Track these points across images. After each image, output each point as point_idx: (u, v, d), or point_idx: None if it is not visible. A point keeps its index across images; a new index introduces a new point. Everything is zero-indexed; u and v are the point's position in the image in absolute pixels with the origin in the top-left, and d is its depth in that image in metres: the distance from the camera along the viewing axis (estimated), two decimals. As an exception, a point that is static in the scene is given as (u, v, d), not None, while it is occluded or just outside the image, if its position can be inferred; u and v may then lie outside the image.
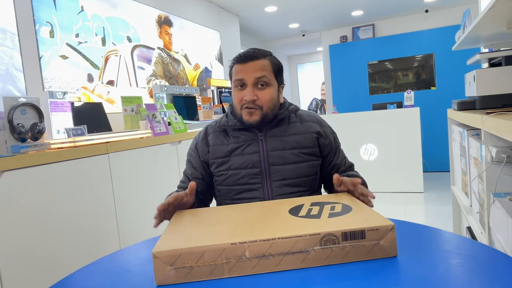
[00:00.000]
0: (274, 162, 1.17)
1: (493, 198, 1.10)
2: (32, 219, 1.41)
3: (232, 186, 1.19)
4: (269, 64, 1.17)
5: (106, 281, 0.73)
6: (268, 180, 1.17)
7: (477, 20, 1.41)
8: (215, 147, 1.21)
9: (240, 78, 1.14)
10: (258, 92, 1.14)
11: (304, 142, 1.20)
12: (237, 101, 1.17)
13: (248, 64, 1.14)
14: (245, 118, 1.16)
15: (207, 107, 3.42)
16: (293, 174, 1.17)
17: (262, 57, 1.16)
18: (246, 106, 1.14)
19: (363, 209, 0.82)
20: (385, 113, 4.27)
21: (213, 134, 1.24)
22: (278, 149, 1.18)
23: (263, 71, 1.14)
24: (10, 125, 1.46)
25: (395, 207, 3.69)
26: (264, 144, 1.18)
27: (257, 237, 0.69)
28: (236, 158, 1.18)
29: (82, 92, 2.65)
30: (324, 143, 1.23)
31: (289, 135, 1.20)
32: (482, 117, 1.10)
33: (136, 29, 3.26)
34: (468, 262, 0.68)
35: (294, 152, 1.18)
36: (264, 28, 6.24)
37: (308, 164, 1.20)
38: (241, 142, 1.19)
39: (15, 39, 2.16)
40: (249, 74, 1.13)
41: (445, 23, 5.56)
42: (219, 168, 1.20)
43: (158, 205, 0.93)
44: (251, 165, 1.17)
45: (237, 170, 1.18)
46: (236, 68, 1.16)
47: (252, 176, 1.17)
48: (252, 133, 1.20)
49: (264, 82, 1.14)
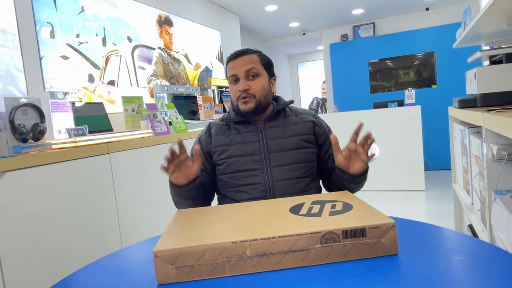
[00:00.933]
0: (273, 149, 1.26)
1: (494, 196, 1.09)
2: (34, 219, 1.41)
3: (234, 173, 1.26)
4: (257, 58, 1.30)
5: (107, 280, 0.73)
6: (268, 166, 1.25)
7: (477, 17, 1.40)
8: (217, 137, 1.32)
9: (233, 74, 1.28)
10: (249, 83, 1.26)
11: (300, 130, 1.30)
12: (233, 94, 1.29)
13: (238, 59, 1.28)
14: (241, 107, 1.27)
15: (208, 107, 3.42)
16: (292, 160, 1.26)
17: (250, 53, 1.30)
18: (241, 97, 1.26)
19: (364, 207, 0.82)
20: (386, 112, 4.27)
21: (216, 127, 1.35)
22: (277, 137, 1.28)
23: (252, 64, 1.27)
24: (12, 125, 1.46)
25: (396, 205, 3.69)
26: (264, 133, 1.29)
27: (258, 236, 0.69)
28: (236, 146, 1.27)
29: (83, 92, 2.65)
30: (320, 131, 1.33)
31: (287, 126, 1.31)
32: (483, 115, 1.10)
33: (136, 29, 3.26)
34: (469, 259, 0.68)
35: (292, 139, 1.28)
36: (264, 27, 6.23)
37: (305, 150, 1.28)
38: (241, 133, 1.30)
39: (16, 39, 2.17)
40: (240, 68, 1.26)
41: (445, 21, 5.55)
42: (221, 156, 1.28)
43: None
44: (251, 153, 1.26)
45: (237, 158, 1.26)
46: (229, 66, 1.30)
47: (252, 162, 1.25)
48: (252, 125, 1.30)
49: (254, 73, 1.27)
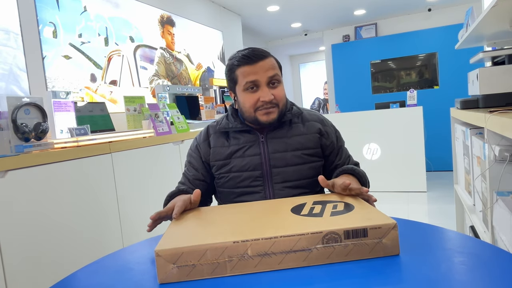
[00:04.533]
0: (276, 164, 1.15)
1: (496, 197, 1.09)
2: (36, 218, 1.41)
3: (233, 188, 1.17)
4: (275, 62, 1.16)
5: (109, 280, 0.74)
6: (270, 182, 1.15)
7: (480, 18, 1.40)
8: (216, 149, 1.20)
9: (252, 80, 1.10)
10: (273, 91, 1.12)
11: (306, 143, 1.18)
12: (251, 104, 1.12)
13: (259, 64, 1.11)
14: (262, 119, 1.13)
15: (209, 107, 3.43)
16: (295, 176, 1.15)
17: (268, 55, 1.15)
18: (264, 107, 1.12)
19: (366, 208, 0.82)
20: (387, 112, 4.26)
21: (214, 135, 1.22)
22: (280, 151, 1.16)
23: (275, 69, 1.13)
24: (14, 124, 1.47)
25: (398, 206, 3.68)
26: (266, 146, 1.16)
27: (259, 236, 0.69)
28: (237, 160, 1.16)
29: (85, 92, 2.66)
30: (326, 143, 1.21)
31: (291, 137, 1.18)
32: (485, 116, 1.10)
33: (138, 29, 3.27)
34: (471, 260, 0.68)
35: (296, 153, 1.16)
36: (266, 27, 6.23)
37: (311, 165, 1.18)
38: (241, 144, 1.17)
39: (19, 39, 2.17)
40: (262, 74, 1.10)
41: (448, 22, 5.54)
42: (220, 171, 1.19)
43: (154, 214, 0.91)
44: (252, 168, 1.15)
45: (238, 173, 1.16)
46: (244, 70, 1.12)
47: (253, 179, 1.15)
48: (253, 135, 1.18)
49: (277, 80, 1.13)
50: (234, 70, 1.15)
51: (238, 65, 1.13)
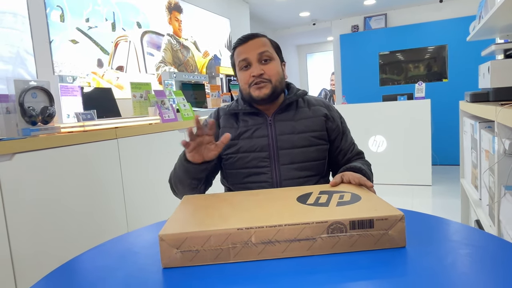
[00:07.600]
0: (283, 146, 1.18)
1: (504, 191, 1.08)
2: (42, 201, 1.42)
3: (241, 169, 1.20)
4: (267, 41, 1.21)
5: (113, 262, 0.74)
6: (277, 163, 1.18)
7: (493, 9, 1.37)
8: (225, 129, 1.23)
9: (244, 58, 1.17)
10: (263, 67, 1.16)
11: (312, 126, 1.21)
12: (244, 81, 1.18)
13: (249, 43, 1.18)
14: (254, 94, 1.17)
15: (215, 95, 3.41)
16: (302, 158, 1.18)
17: (260, 35, 1.21)
18: (255, 83, 1.16)
19: (373, 199, 0.81)
20: (395, 105, 4.22)
21: (224, 117, 1.27)
22: (287, 133, 1.19)
23: (265, 46, 1.18)
24: (21, 108, 1.47)
25: (402, 199, 3.67)
26: (273, 128, 1.20)
27: (264, 223, 0.69)
28: (244, 141, 1.20)
29: (91, 77, 2.65)
30: (332, 127, 1.24)
31: (298, 120, 1.21)
32: (496, 109, 1.08)
33: (146, 15, 3.24)
34: (477, 252, 0.67)
35: (303, 136, 1.19)
36: (274, 16, 6.16)
37: (317, 148, 1.20)
38: (250, 126, 1.21)
39: (26, 22, 2.17)
40: (252, 52, 1.16)
41: (459, 13, 5.44)
42: (228, 151, 1.21)
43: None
44: (260, 149, 1.18)
45: (245, 153, 1.19)
46: (238, 51, 1.19)
47: (260, 160, 1.18)
48: (261, 118, 1.22)
49: (268, 56, 1.17)
50: (233, 54, 1.23)
51: (234, 48, 1.22)
